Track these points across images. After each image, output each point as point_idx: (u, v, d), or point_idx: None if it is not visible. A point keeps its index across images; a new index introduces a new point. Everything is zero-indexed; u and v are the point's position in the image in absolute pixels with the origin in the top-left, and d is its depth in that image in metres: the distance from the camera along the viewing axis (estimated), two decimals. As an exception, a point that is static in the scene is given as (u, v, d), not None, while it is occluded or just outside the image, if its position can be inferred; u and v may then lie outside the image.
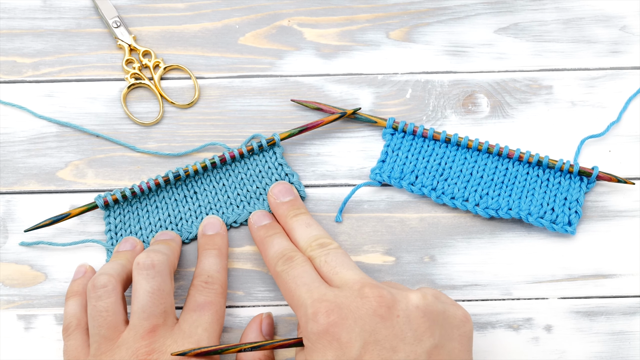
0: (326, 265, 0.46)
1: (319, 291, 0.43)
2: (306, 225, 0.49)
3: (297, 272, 0.45)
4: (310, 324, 0.41)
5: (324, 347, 0.41)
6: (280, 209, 0.51)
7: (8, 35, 0.58)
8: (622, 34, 0.59)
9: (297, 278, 0.45)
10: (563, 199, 0.53)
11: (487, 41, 0.59)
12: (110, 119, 0.56)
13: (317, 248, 0.47)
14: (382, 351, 0.40)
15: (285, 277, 0.45)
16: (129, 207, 0.53)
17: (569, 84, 0.58)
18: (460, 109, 0.57)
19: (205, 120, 0.56)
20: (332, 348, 0.40)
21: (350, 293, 0.43)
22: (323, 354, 0.41)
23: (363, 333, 0.41)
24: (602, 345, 0.51)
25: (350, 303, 0.42)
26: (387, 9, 0.60)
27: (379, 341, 0.40)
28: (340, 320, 0.41)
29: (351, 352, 0.40)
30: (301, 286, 0.44)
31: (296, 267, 0.45)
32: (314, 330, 0.41)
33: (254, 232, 0.51)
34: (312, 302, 0.42)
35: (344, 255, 0.47)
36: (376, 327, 0.41)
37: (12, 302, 0.52)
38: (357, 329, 0.41)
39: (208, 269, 0.49)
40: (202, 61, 0.58)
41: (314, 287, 0.44)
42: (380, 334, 0.41)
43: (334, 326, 0.41)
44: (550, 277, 0.53)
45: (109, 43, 0.59)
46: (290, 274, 0.45)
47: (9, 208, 0.54)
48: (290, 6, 0.60)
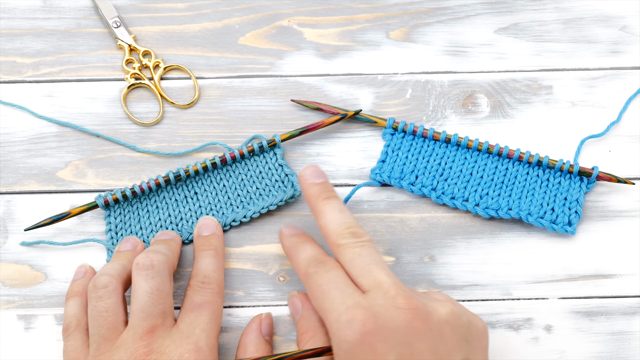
0: (360, 259, 0.44)
1: (353, 298, 0.41)
2: (339, 210, 0.46)
3: (330, 275, 0.43)
4: (344, 331, 0.40)
5: (358, 356, 0.39)
6: (312, 190, 0.48)
7: (8, 35, 0.58)
8: (622, 34, 0.59)
9: (331, 282, 0.43)
10: (563, 199, 0.53)
11: (487, 41, 0.59)
12: (110, 119, 0.56)
13: (349, 237, 0.45)
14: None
15: (318, 280, 0.44)
16: (129, 206, 0.53)
17: (569, 84, 0.58)
18: (460, 109, 0.57)
19: (205, 120, 0.56)
20: (367, 358, 0.39)
21: (384, 302, 0.41)
22: None
23: (398, 346, 0.40)
24: (602, 346, 0.51)
25: (385, 313, 0.40)
26: (387, 9, 0.60)
27: (414, 354, 0.40)
28: (376, 329, 0.40)
29: None
30: (334, 290, 0.42)
31: (330, 271, 0.44)
32: (349, 338, 0.40)
33: (284, 240, 0.49)
34: (346, 308, 0.41)
35: (377, 252, 0.45)
36: (411, 340, 0.40)
37: (12, 302, 0.52)
38: (393, 341, 0.40)
39: (204, 269, 0.49)
40: (202, 61, 0.58)
41: (348, 293, 0.42)
42: (414, 347, 0.40)
43: (370, 335, 0.39)
44: (550, 277, 0.53)
45: (109, 43, 0.59)
46: (324, 277, 0.43)
47: (9, 208, 0.54)
48: (290, 6, 0.60)
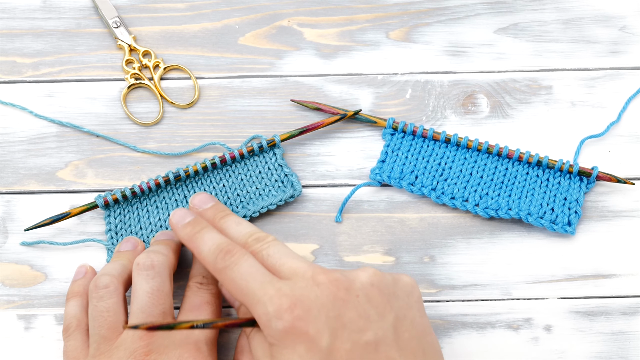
0: (270, 258, 0.43)
1: (273, 286, 0.41)
2: (236, 223, 0.47)
3: (242, 267, 0.42)
4: (274, 322, 0.40)
5: (293, 342, 0.39)
6: (206, 215, 0.48)
7: (8, 35, 0.58)
8: (621, 34, 0.59)
9: (245, 274, 0.42)
10: (563, 199, 0.53)
11: (487, 41, 0.59)
12: (110, 119, 0.56)
13: (255, 243, 0.45)
14: (352, 334, 0.40)
15: (231, 275, 0.42)
16: (129, 207, 0.53)
17: (569, 84, 0.58)
18: (460, 109, 0.57)
19: (205, 120, 0.56)
20: (301, 342, 0.39)
21: (305, 283, 0.41)
22: (293, 349, 0.39)
23: (329, 320, 0.40)
24: (602, 345, 0.51)
25: (308, 293, 0.40)
26: (387, 9, 0.60)
27: (346, 325, 0.40)
28: (304, 313, 0.40)
29: (321, 342, 0.39)
30: (252, 282, 0.41)
31: (240, 262, 0.43)
32: (280, 328, 0.39)
33: (179, 231, 0.47)
34: (269, 298, 0.40)
35: (284, 246, 0.45)
36: (340, 311, 0.40)
37: (12, 302, 0.52)
38: (323, 318, 0.40)
39: (203, 270, 0.49)
40: (202, 61, 0.58)
41: (267, 281, 0.41)
42: (345, 317, 0.40)
43: (299, 320, 0.39)
44: (550, 277, 0.53)
45: (108, 43, 0.59)
46: (236, 271, 0.42)
47: (8, 208, 0.54)
48: (290, 6, 0.60)
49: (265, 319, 0.40)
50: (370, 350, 0.40)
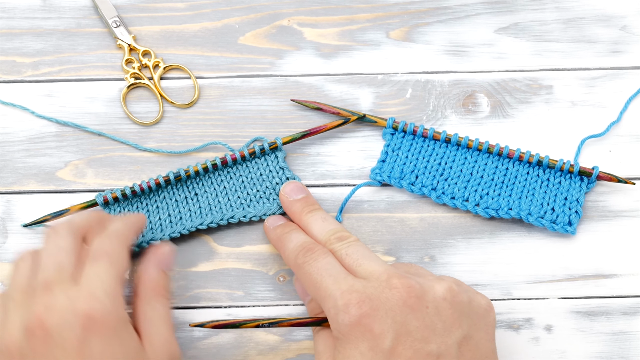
0: (348, 257, 0.45)
1: (347, 282, 0.42)
2: (322, 219, 0.49)
3: (320, 263, 0.44)
4: (341, 315, 0.41)
5: (357, 338, 0.40)
6: (294, 206, 0.51)
7: (8, 35, 0.58)
8: (622, 33, 0.59)
9: (322, 269, 0.44)
10: (563, 199, 0.53)
11: (487, 41, 0.59)
12: (110, 118, 0.56)
13: (336, 242, 0.47)
14: (414, 342, 0.40)
15: (309, 269, 0.45)
16: (129, 205, 0.53)
17: (569, 84, 0.58)
18: (461, 109, 0.57)
19: (205, 120, 0.56)
20: (365, 339, 0.40)
21: (378, 284, 0.42)
22: (355, 345, 0.40)
23: (395, 324, 0.40)
24: (603, 346, 0.51)
25: (379, 294, 0.41)
26: (387, 9, 0.60)
27: (411, 332, 0.41)
28: (372, 311, 0.41)
29: (384, 343, 0.40)
30: (327, 277, 0.43)
31: (319, 259, 0.45)
32: (346, 322, 0.41)
33: (270, 232, 0.51)
34: (341, 293, 0.42)
35: (365, 248, 0.46)
36: (407, 318, 0.41)
37: (12, 302, 0.52)
38: (389, 320, 0.41)
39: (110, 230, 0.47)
40: (201, 61, 0.58)
41: (341, 278, 0.43)
42: (411, 324, 0.41)
43: (366, 317, 0.40)
44: (551, 277, 0.53)
45: (108, 43, 0.58)
46: (314, 266, 0.44)
47: (8, 208, 0.54)
48: (290, 6, 0.60)
49: (333, 312, 0.41)
50: (432, 354, 0.40)
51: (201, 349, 0.51)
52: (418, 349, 0.40)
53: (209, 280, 0.53)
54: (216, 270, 0.53)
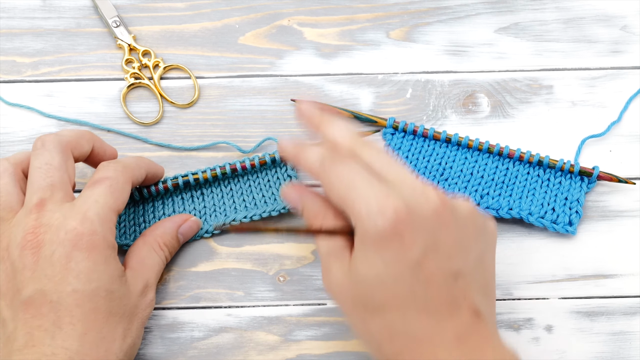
0: (378, 162, 0.40)
1: (381, 187, 0.38)
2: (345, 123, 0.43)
3: (351, 166, 0.40)
4: (374, 218, 0.38)
5: (384, 246, 0.38)
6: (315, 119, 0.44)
7: (7, 34, 0.58)
8: (622, 33, 0.59)
9: (353, 171, 0.39)
10: (564, 199, 0.53)
11: (488, 41, 0.59)
12: (110, 118, 0.56)
13: (363, 146, 0.42)
14: (441, 258, 0.39)
15: (339, 171, 0.40)
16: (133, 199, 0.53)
17: (570, 84, 0.58)
18: (461, 109, 0.57)
19: (205, 120, 0.56)
20: (392, 248, 0.38)
21: (413, 191, 0.39)
22: (380, 254, 0.38)
23: (426, 235, 0.38)
24: (603, 346, 0.51)
25: (416, 203, 0.38)
26: (387, 9, 0.60)
27: (439, 247, 0.39)
28: (408, 218, 0.38)
29: (412, 255, 0.38)
30: (359, 180, 0.39)
31: (348, 162, 0.40)
32: (379, 226, 0.37)
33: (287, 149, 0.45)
34: (376, 196, 0.38)
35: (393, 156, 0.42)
36: (437, 231, 0.39)
37: (12, 302, 0.52)
38: (422, 232, 0.38)
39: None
40: (202, 61, 0.58)
41: (375, 183, 0.39)
42: (440, 237, 0.39)
43: (401, 224, 0.37)
44: (551, 277, 0.53)
45: (108, 43, 0.58)
46: (344, 168, 0.40)
47: (8, 208, 0.54)
48: (290, 6, 0.60)
49: (365, 214, 0.38)
50: (450, 278, 0.39)
51: (201, 349, 0.51)
52: (441, 266, 0.39)
53: (209, 280, 0.53)
54: (216, 270, 0.53)
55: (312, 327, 0.52)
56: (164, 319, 0.51)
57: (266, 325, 0.52)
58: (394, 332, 0.39)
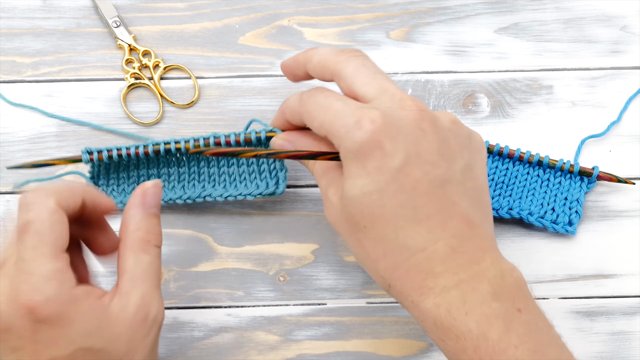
0: (365, 68, 0.42)
1: (357, 104, 0.40)
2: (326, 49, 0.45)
3: (327, 93, 0.42)
4: (352, 133, 0.38)
5: (366, 155, 0.38)
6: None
7: (7, 34, 0.58)
8: (622, 33, 0.59)
9: (330, 97, 0.41)
10: (563, 199, 0.53)
11: (488, 41, 0.59)
12: (110, 118, 0.56)
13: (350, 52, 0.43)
14: (424, 164, 0.39)
15: (315, 99, 0.42)
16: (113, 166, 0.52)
17: (570, 84, 0.58)
18: (461, 109, 0.57)
19: (205, 120, 0.56)
20: (373, 157, 0.38)
21: (391, 103, 0.40)
22: (363, 164, 0.38)
23: (407, 144, 0.38)
24: (603, 346, 0.51)
25: (393, 113, 0.39)
26: (387, 9, 0.60)
27: (421, 154, 0.39)
28: (385, 127, 0.38)
29: (393, 161, 0.38)
30: (335, 102, 0.41)
31: (325, 91, 0.42)
32: (357, 138, 0.38)
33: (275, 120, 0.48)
34: (352, 110, 0.39)
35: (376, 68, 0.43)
36: (418, 140, 0.39)
37: (12, 302, 0.52)
38: (401, 139, 0.38)
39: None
40: (202, 61, 0.58)
41: (351, 102, 0.40)
42: (422, 147, 0.39)
43: (378, 133, 0.38)
44: (551, 277, 0.53)
45: (108, 43, 0.58)
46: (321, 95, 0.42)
47: (8, 208, 0.54)
48: (290, 6, 0.60)
49: (343, 130, 0.39)
50: (436, 185, 0.39)
51: (201, 349, 0.51)
52: (427, 171, 0.39)
53: (209, 280, 0.53)
54: (216, 270, 0.53)
55: (312, 327, 0.52)
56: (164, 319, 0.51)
57: (266, 325, 0.52)
58: (387, 247, 0.39)
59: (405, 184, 0.38)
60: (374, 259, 0.40)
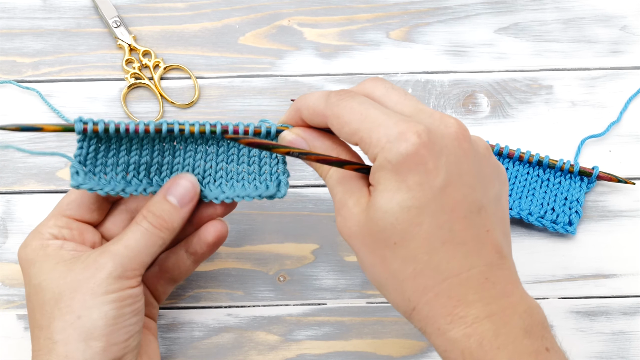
0: (394, 92, 0.39)
1: (397, 115, 0.37)
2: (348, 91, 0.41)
3: (360, 99, 0.38)
4: (397, 144, 0.36)
5: (407, 170, 0.36)
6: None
7: (8, 34, 0.58)
8: (622, 33, 0.59)
9: (365, 103, 0.38)
10: (563, 199, 0.53)
11: (488, 41, 0.59)
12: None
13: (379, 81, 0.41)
14: (464, 187, 0.37)
15: (347, 104, 0.38)
16: (106, 139, 0.45)
17: (569, 84, 0.58)
18: (461, 109, 0.57)
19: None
20: (417, 172, 0.36)
21: (433, 121, 0.37)
22: (403, 179, 0.36)
23: (449, 164, 0.36)
24: (603, 345, 0.51)
25: (436, 130, 0.37)
26: (387, 9, 0.60)
27: (462, 176, 0.37)
28: (430, 143, 0.36)
29: (436, 180, 0.36)
30: (372, 110, 0.37)
31: (357, 96, 0.39)
32: (402, 150, 0.35)
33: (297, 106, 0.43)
34: (395, 122, 0.36)
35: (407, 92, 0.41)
36: (460, 160, 0.37)
37: (12, 302, 0.52)
38: (444, 158, 0.36)
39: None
40: (202, 61, 0.58)
41: (389, 112, 0.37)
42: (463, 168, 0.37)
43: (424, 148, 0.36)
44: (551, 277, 0.53)
45: (108, 43, 0.58)
46: (352, 102, 0.38)
47: (8, 208, 0.54)
48: (291, 6, 0.60)
49: (386, 141, 0.36)
50: (474, 210, 0.37)
51: (201, 349, 0.51)
52: (466, 194, 0.37)
53: (209, 280, 0.53)
54: (216, 270, 0.53)
55: (312, 327, 0.52)
56: (164, 319, 0.51)
57: (266, 325, 0.52)
58: (418, 268, 0.36)
59: (446, 205, 0.36)
60: (401, 279, 0.37)
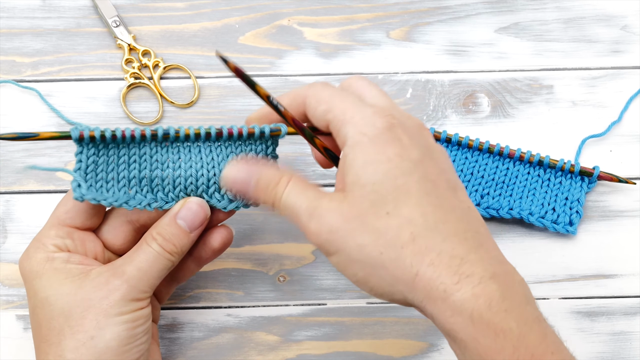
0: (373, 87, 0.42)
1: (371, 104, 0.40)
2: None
3: (329, 87, 0.41)
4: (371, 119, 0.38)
5: (384, 142, 0.38)
6: None
7: (7, 34, 0.58)
8: (623, 33, 0.59)
9: (344, 91, 0.41)
10: (564, 199, 0.53)
11: (488, 41, 0.59)
12: (109, 118, 0.56)
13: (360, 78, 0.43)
14: (437, 166, 0.39)
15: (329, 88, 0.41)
16: (104, 149, 0.44)
17: (570, 84, 0.58)
18: (461, 109, 0.57)
19: (205, 120, 0.56)
20: (393, 145, 0.38)
21: (401, 114, 0.40)
22: (382, 149, 0.37)
23: (420, 145, 0.39)
24: (603, 346, 0.51)
25: (401, 117, 0.39)
26: (387, 9, 0.60)
27: (433, 154, 0.39)
28: (400, 125, 0.38)
29: (413, 154, 0.38)
30: (350, 96, 0.40)
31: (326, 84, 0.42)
32: (378, 125, 0.38)
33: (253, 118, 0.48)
34: (369, 106, 0.39)
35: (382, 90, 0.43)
36: (428, 145, 0.39)
37: (12, 302, 0.52)
38: (415, 139, 0.39)
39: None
40: (201, 60, 0.58)
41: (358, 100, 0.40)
42: (432, 150, 0.39)
43: (397, 127, 0.38)
44: (551, 277, 0.53)
45: (108, 42, 0.58)
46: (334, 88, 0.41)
47: (8, 208, 0.54)
48: (290, 5, 0.60)
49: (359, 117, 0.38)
50: (451, 187, 0.39)
51: (201, 349, 0.51)
52: (441, 172, 0.39)
53: (209, 280, 0.53)
54: (216, 270, 0.53)
55: (312, 327, 0.52)
56: (164, 319, 0.51)
57: (266, 325, 0.52)
58: (416, 230, 0.36)
59: (427, 175, 0.38)
60: (400, 245, 0.36)
